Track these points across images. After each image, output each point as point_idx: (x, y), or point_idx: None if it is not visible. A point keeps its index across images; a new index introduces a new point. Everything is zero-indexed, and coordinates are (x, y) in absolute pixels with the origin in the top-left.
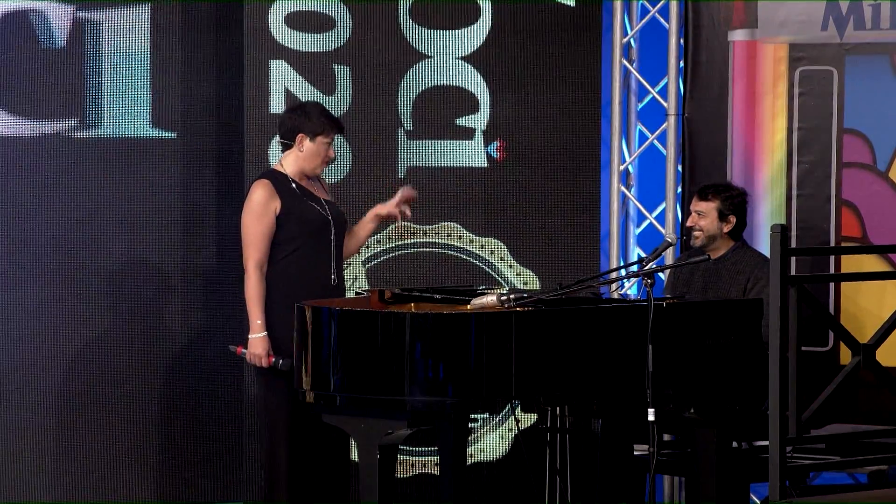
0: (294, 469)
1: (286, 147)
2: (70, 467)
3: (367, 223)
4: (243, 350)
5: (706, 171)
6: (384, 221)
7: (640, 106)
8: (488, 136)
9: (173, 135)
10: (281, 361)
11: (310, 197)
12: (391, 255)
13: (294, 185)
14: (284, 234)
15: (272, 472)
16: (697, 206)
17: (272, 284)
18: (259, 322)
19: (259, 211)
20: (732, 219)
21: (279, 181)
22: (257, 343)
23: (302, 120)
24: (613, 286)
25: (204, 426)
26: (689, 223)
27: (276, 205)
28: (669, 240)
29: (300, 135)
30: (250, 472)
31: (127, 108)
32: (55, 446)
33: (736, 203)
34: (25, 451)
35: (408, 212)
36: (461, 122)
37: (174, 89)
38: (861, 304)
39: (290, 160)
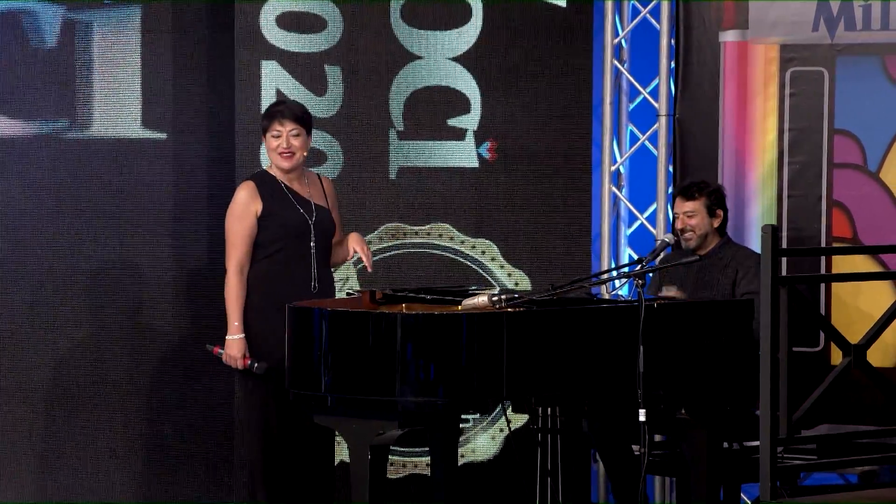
0: (270, 469)
1: None
2: (58, 468)
3: (344, 248)
4: (220, 350)
5: (697, 171)
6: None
7: (632, 106)
8: (479, 137)
9: (164, 136)
10: (256, 364)
11: (297, 200)
12: (382, 255)
13: (283, 187)
14: (265, 237)
15: (251, 472)
16: (684, 206)
17: (252, 285)
18: (236, 324)
19: (239, 212)
20: (720, 212)
21: (265, 183)
22: (233, 345)
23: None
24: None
25: (193, 427)
26: (678, 226)
27: (258, 206)
28: (667, 239)
29: (263, 137)
30: (240, 473)
31: (117, 109)
32: (43, 447)
33: (720, 197)
34: (13, 451)
35: (368, 264)
36: (452, 122)
37: (165, 90)
38: (852, 304)
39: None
